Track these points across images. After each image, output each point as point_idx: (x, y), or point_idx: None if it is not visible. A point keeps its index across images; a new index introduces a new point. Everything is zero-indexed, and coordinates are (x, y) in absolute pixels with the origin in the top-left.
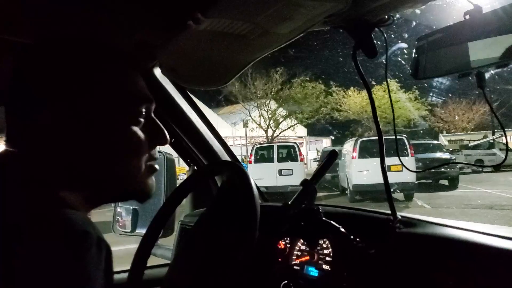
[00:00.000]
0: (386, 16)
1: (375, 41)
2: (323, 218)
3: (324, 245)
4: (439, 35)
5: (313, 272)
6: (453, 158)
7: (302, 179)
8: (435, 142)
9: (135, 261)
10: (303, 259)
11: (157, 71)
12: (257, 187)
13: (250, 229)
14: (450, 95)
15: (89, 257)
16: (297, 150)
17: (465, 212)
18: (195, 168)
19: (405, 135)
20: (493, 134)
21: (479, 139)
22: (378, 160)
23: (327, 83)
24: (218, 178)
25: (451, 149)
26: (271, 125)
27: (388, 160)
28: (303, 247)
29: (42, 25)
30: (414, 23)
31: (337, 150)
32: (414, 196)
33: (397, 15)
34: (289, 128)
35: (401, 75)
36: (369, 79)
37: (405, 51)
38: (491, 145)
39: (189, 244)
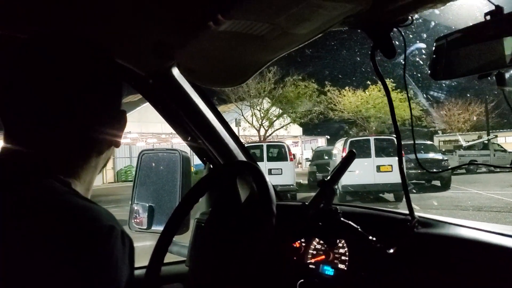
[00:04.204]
0: (405, 17)
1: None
2: (342, 219)
3: (340, 245)
4: (459, 35)
5: (329, 271)
6: (446, 158)
7: (292, 179)
8: (428, 142)
9: (153, 258)
10: (319, 258)
11: (175, 70)
12: (273, 187)
13: (267, 228)
14: (446, 95)
15: (116, 250)
16: (286, 150)
17: (454, 214)
18: (211, 166)
19: (395, 135)
20: (488, 135)
21: (474, 140)
22: (368, 160)
23: (320, 82)
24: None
25: (444, 150)
26: (263, 124)
27: (378, 161)
28: (318, 246)
29: (49, 21)
30: (433, 24)
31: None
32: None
33: (416, 15)
34: (281, 127)
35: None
36: (366, 79)
37: (423, 52)
38: (485, 146)
39: (206, 243)
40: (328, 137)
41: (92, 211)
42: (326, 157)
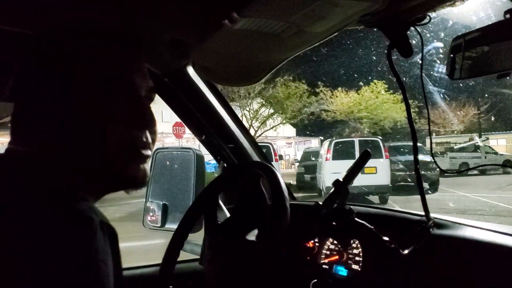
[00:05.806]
0: (422, 15)
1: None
2: (356, 219)
3: (354, 245)
4: (477, 34)
5: (342, 271)
6: (433, 160)
7: None
8: (417, 144)
9: (167, 256)
10: (332, 258)
11: (190, 69)
12: (287, 187)
13: (281, 228)
14: (440, 97)
15: (95, 242)
16: (271, 150)
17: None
18: (225, 165)
19: (380, 137)
20: (480, 137)
21: (465, 142)
22: (352, 162)
23: (311, 83)
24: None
25: (434, 152)
26: (253, 125)
27: None
28: (332, 246)
29: (56, 15)
30: (450, 22)
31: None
32: (389, 199)
33: (434, 14)
34: (271, 128)
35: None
36: (357, 79)
37: (440, 51)
38: (476, 148)
39: (219, 244)
40: (322, 138)
41: (68, 204)
42: (314, 158)
